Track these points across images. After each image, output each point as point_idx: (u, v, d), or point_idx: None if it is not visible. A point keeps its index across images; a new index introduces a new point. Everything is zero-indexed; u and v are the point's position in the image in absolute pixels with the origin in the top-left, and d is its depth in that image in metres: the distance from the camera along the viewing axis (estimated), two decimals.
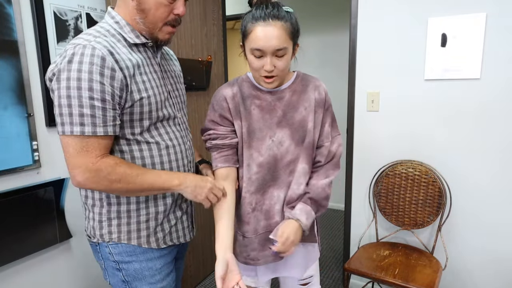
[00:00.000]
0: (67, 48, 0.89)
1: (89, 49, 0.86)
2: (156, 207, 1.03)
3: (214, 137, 1.08)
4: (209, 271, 2.42)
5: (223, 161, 1.08)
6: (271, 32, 0.94)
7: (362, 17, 1.90)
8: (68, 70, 0.85)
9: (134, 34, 0.97)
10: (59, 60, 0.89)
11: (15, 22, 1.36)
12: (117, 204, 0.99)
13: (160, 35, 0.99)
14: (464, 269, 1.83)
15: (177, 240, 1.10)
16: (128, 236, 1.00)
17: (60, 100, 0.85)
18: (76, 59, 0.85)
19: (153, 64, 1.02)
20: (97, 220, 1.00)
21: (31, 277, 1.50)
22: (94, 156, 0.88)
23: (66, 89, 0.85)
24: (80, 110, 0.85)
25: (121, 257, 1.01)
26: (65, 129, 0.86)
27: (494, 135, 1.68)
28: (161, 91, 1.01)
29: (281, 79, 1.03)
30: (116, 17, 0.97)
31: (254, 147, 1.06)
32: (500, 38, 1.62)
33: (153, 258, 1.04)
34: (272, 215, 1.09)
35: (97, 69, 0.85)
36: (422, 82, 1.80)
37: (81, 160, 0.87)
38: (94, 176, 0.87)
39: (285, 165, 1.07)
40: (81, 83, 0.84)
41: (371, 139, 1.98)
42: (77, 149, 0.87)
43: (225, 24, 2.43)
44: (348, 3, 1.97)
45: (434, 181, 1.78)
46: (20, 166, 1.41)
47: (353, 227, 2.12)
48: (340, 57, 3.37)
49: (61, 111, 0.86)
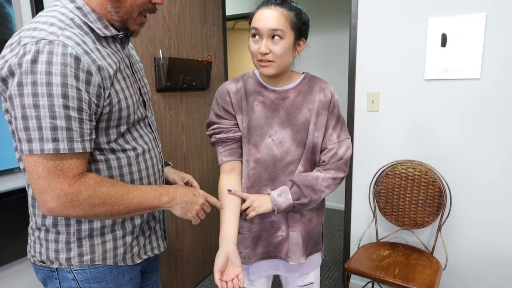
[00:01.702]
0: (23, 41, 0.70)
1: (59, 46, 0.69)
2: (132, 221, 0.90)
3: (218, 131, 1.08)
4: (209, 271, 2.42)
5: (228, 155, 1.08)
6: (269, 14, 0.96)
7: (362, 17, 1.90)
8: (33, 72, 0.67)
9: (102, 24, 0.80)
10: (9, 55, 0.71)
11: (15, 22, 1.36)
12: (88, 221, 0.84)
13: (132, 25, 0.86)
14: (464, 269, 1.83)
15: (151, 252, 0.99)
16: (104, 256, 0.86)
17: (25, 111, 0.68)
18: (43, 58, 0.68)
19: (123, 58, 0.87)
20: (63, 241, 0.83)
21: (31, 277, 1.49)
22: (71, 176, 0.72)
23: (33, 96, 0.68)
24: (52, 122, 0.69)
25: (88, 284, 0.86)
26: (33, 147, 0.69)
27: (494, 135, 1.68)
28: (135, 89, 0.90)
29: (279, 68, 1.00)
30: (83, 8, 0.79)
31: (253, 143, 1.06)
32: (500, 38, 1.62)
33: (123, 283, 0.91)
34: (267, 215, 1.09)
35: (72, 71, 0.70)
36: (422, 82, 1.80)
37: (55, 182, 0.71)
38: (72, 200, 0.72)
39: (284, 166, 1.07)
40: (52, 88, 0.68)
41: (371, 139, 1.98)
42: (49, 169, 0.71)
43: (225, 24, 2.43)
44: (348, 3, 1.97)
45: (434, 181, 1.78)
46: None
47: (353, 227, 2.12)
48: (340, 57, 3.37)
49: (26, 125, 0.69)
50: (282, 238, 1.11)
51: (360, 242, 2.02)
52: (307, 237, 1.12)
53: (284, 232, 1.10)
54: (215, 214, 2.56)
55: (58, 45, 0.70)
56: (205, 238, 2.33)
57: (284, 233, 1.10)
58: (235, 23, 4.44)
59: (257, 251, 1.12)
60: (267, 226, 1.10)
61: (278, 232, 1.10)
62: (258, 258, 1.12)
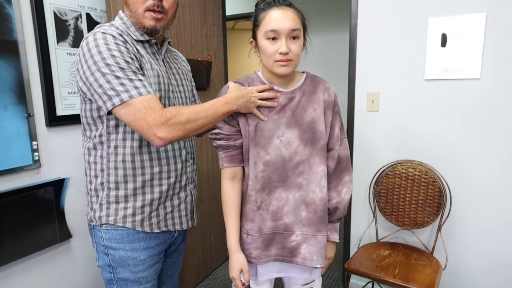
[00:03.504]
0: (81, 45, 0.99)
1: (99, 33, 0.96)
2: (152, 194, 1.09)
3: (219, 137, 1.08)
4: (209, 271, 2.42)
5: (229, 161, 1.09)
6: (286, 14, 0.97)
7: (362, 17, 1.90)
8: (90, 49, 0.94)
9: (139, 33, 1.06)
10: (76, 59, 0.99)
11: (15, 22, 1.36)
12: (115, 189, 1.06)
13: (146, 22, 1.03)
14: (464, 269, 1.83)
15: (173, 227, 1.16)
16: (124, 220, 1.06)
17: (101, 79, 0.92)
18: (91, 40, 0.95)
19: (157, 59, 1.10)
20: (98, 203, 1.07)
21: (31, 277, 1.50)
22: (158, 109, 0.92)
23: (105, 65, 0.92)
24: (122, 77, 0.92)
25: (110, 242, 1.08)
26: (123, 97, 0.91)
27: (494, 135, 1.68)
28: (165, 82, 1.08)
29: (295, 67, 1.04)
30: (123, 18, 1.07)
31: (261, 145, 1.06)
32: (500, 38, 1.62)
33: (139, 249, 1.09)
34: (280, 217, 1.09)
35: (112, 41, 0.95)
36: (422, 82, 1.80)
37: (151, 117, 0.91)
38: (169, 125, 0.92)
39: (293, 166, 1.07)
40: (112, 52, 0.93)
41: (371, 139, 1.98)
42: (143, 110, 0.91)
43: (225, 24, 2.43)
44: (348, 3, 1.97)
45: (434, 181, 1.78)
46: (20, 166, 1.41)
47: (353, 227, 2.12)
48: (340, 57, 3.37)
49: (111, 86, 0.92)
50: (297, 243, 1.10)
51: (360, 242, 2.02)
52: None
53: (299, 237, 1.10)
54: (215, 214, 2.57)
55: (99, 33, 0.97)
56: (205, 238, 2.33)
57: (299, 238, 1.10)
58: (235, 23, 4.45)
59: (270, 253, 1.11)
60: (280, 229, 1.10)
61: (292, 237, 1.10)
62: (271, 260, 1.12)
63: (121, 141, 1.04)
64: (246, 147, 1.08)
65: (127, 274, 1.09)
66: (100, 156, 1.06)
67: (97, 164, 1.07)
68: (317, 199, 1.08)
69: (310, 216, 1.09)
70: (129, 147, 1.04)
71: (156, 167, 1.08)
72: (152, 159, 1.07)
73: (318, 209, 1.09)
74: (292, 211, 1.08)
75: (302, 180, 1.08)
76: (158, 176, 1.09)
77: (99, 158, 1.06)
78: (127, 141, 1.04)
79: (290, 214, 1.08)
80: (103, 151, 1.05)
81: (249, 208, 1.09)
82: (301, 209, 1.09)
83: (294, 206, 1.08)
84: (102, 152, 1.05)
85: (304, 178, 1.08)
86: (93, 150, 1.07)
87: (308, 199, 1.08)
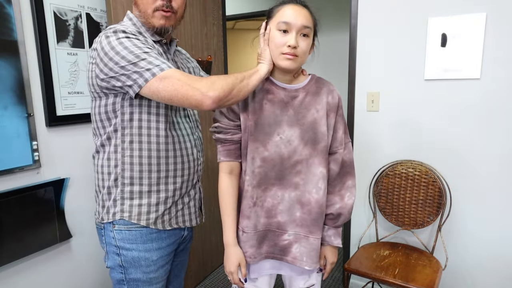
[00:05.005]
0: (94, 46, 1.01)
1: (114, 30, 0.98)
2: (166, 192, 1.10)
3: (218, 131, 1.09)
4: (209, 271, 2.42)
5: (226, 155, 1.09)
6: (301, 11, 1.01)
7: (362, 17, 1.90)
8: (110, 42, 0.96)
9: (149, 33, 1.08)
10: (94, 54, 1.00)
11: (15, 22, 1.36)
12: (130, 184, 1.06)
13: (155, 22, 1.06)
14: (464, 269, 1.83)
15: (183, 223, 1.18)
16: (138, 217, 1.07)
17: (127, 61, 0.94)
18: (110, 35, 0.97)
19: (168, 58, 1.13)
20: (112, 200, 1.07)
21: (31, 277, 1.50)
22: (196, 78, 0.95)
23: (129, 52, 0.94)
24: (149, 56, 0.95)
25: (122, 243, 1.07)
26: (155, 70, 0.93)
27: (494, 135, 1.68)
28: None
29: (300, 64, 1.04)
30: (133, 19, 1.09)
31: (261, 141, 1.06)
32: (500, 38, 1.62)
33: (151, 249, 1.10)
34: (274, 215, 1.09)
35: (130, 35, 0.98)
36: (422, 82, 1.80)
37: (196, 81, 0.92)
38: (212, 88, 0.92)
39: (291, 164, 1.06)
40: (133, 42, 0.96)
41: (371, 139, 1.98)
42: (183, 78, 0.93)
43: (225, 24, 2.43)
44: (348, 3, 1.97)
45: (434, 181, 1.78)
46: (20, 166, 1.41)
47: (353, 227, 2.12)
48: (340, 57, 3.37)
49: (141, 64, 0.93)
50: (288, 242, 1.10)
51: (360, 242, 2.02)
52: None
53: (291, 237, 1.09)
54: (214, 214, 2.57)
55: (114, 30, 0.99)
56: (205, 238, 2.33)
57: (292, 237, 1.09)
58: (235, 23, 4.44)
59: (262, 250, 1.11)
60: (273, 227, 1.10)
61: (284, 236, 1.10)
62: (263, 257, 1.12)
63: (137, 136, 1.05)
64: (245, 142, 1.07)
65: (139, 275, 1.10)
66: (114, 152, 1.06)
67: (111, 160, 1.07)
68: (313, 200, 1.07)
69: (304, 217, 1.08)
70: (146, 143, 1.05)
71: (171, 165, 1.10)
72: (168, 156, 1.09)
73: (313, 211, 1.08)
74: (286, 210, 1.08)
75: (299, 180, 1.07)
76: (172, 174, 1.11)
77: (112, 154, 1.06)
78: (143, 136, 1.05)
79: (284, 212, 1.08)
80: (117, 146, 1.06)
81: (245, 204, 1.09)
82: (295, 209, 1.08)
83: (289, 205, 1.08)
84: (117, 148, 1.06)
85: (301, 178, 1.07)
86: (107, 146, 1.07)
87: (304, 199, 1.08)
